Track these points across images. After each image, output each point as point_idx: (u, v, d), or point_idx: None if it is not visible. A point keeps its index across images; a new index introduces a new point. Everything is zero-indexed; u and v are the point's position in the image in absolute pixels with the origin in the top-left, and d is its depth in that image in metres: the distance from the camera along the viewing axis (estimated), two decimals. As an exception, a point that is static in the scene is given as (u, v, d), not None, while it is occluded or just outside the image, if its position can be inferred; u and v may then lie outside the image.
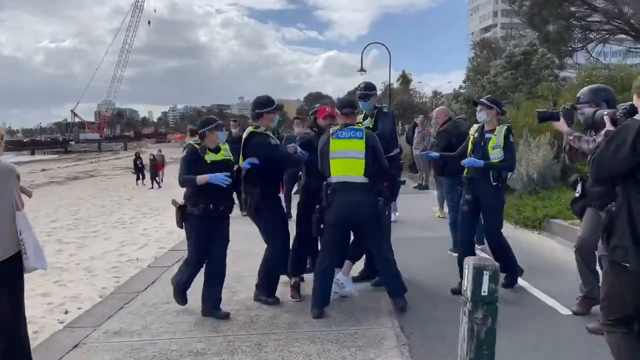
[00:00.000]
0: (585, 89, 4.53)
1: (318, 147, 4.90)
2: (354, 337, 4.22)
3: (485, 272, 2.41)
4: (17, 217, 3.30)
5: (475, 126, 5.46)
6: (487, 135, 5.26)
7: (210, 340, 4.23)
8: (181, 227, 4.85)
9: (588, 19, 23.10)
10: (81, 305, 6.59)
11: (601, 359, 3.61)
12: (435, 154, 5.97)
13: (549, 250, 7.26)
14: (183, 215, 4.74)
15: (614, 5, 20.93)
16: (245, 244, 6.79)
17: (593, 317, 4.49)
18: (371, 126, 5.32)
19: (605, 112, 3.36)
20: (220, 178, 4.52)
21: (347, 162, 4.72)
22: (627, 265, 2.67)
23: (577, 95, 4.56)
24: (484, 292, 2.42)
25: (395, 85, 36.50)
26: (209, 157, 4.66)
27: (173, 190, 21.92)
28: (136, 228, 12.47)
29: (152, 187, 22.99)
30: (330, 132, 4.82)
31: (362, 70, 25.73)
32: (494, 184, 5.17)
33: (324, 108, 5.40)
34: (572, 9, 22.17)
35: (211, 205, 4.64)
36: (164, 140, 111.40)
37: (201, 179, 4.54)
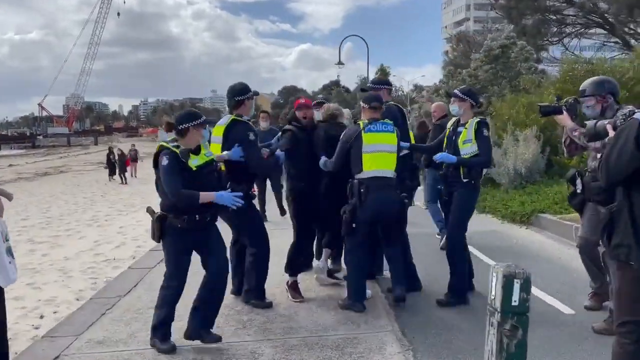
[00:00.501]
0: (588, 81, 4.37)
1: (343, 142, 4.63)
2: (354, 343, 4.02)
3: (516, 280, 2.23)
4: None
5: (453, 119, 5.12)
6: (459, 129, 4.89)
7: (202, 349, 3.98)
8: (158, 242, 4.04)
9: (564, 13, 23.30)
10: (57, 309, 6.27)
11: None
12: (405, 144, 5.50)
13: (538, 245, 7.20)
14: (162, 228, 3.91)
15: (589, 0, 21.16)
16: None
17: (595, 316, 4.41)
18: None
19: (607, 122, 3.25)
20: (230, 199, 3.87)
21: (381, 156, 4.60)
22: (632, 263, 2.61)
23: (581, 89, 4.38)
24: (515, 301, 2.24)
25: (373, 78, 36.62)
26: (193, 161, 3.88)
27: (148, 186, 21.50)
28: (111, 226, 12.08)
29: (122, 183, 22.58)
30: (361, 126, 4.61)
31: (340, 63, 25.51)
32: (465, 180, 4.77)
33: (298, 99, 5.36)
34: (548, 2, 22.34)
35: (197, 216, 3.88)
36: (136, 135, 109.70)
37: (205, 197, 3.81)
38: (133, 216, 13.45)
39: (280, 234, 5.23)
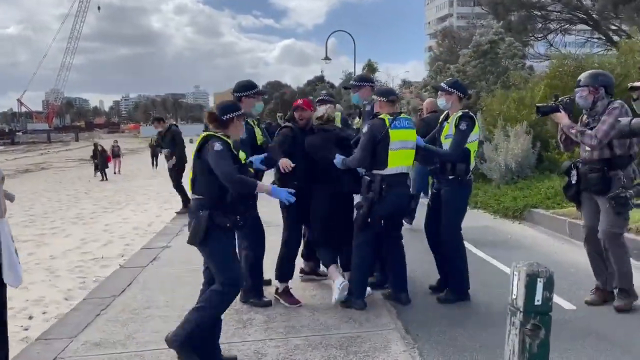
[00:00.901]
0: (585, 73, 4.64)
1: (370, 138, 4.45)
2: (358, 342, 3.97)
3: (539, 279, 2.19)
4: None
5: (445, 113, 5.01)
6: (443, 124, 4.79)
7: (203, 351, 3.88)
8: (202, 244, 3.57)
9: (548, 9, 23.47)
10: (45, 309, 6.14)
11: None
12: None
13: (532, 240, 7.21)
14: (207, 229, 3.48)
15: (574, -4, 21.35)
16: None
17: (597, 312, 4.41)
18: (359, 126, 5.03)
19: None
20: (285, 194, 3.65)
21: (405, 153, 4.55)
22: None
23: (578, 79, 4.65)
24: (538, 301, 2.19)
25: (361, 74, 36.55)
26: (241, 155, 3.68)
27: (132, 182, 21.23)
28: (97, 224, 11.87)
29: (103, 180, 22.31)
30: (387, 122, 4.49)
31: (326, 58, 25.38)
32: (450, 177, 4.68)
33: (296, 100, 5.15)
34: (534, -2, 22.52)
35: (239, 217, 3.58)
36: (117, 130, 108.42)
37: (261, 187, 3.63)
38: (119, 213, 13.24)
39: (275, 230, 5.13)
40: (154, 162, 25.66)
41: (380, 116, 4.54)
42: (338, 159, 4.62)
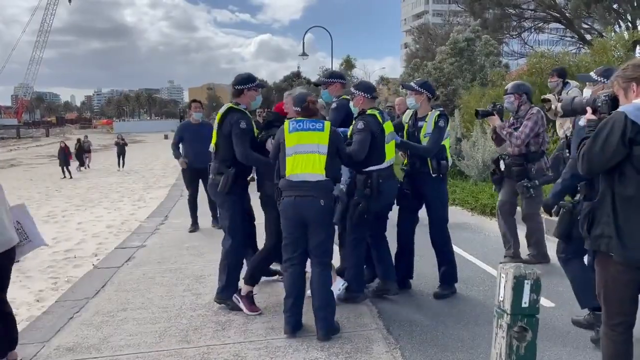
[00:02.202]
0: (511, 83, 5.82)
1: (367, 133, 4.35)
2: (339, 343, 3.91)
3: (526, 281, 2.16)
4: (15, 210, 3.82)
5: (409, 112, 5.08)
6: (419, 124, 4.84)
7: (181, 354, 3.79)
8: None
9: (523, 7, 23.76)
10: (16, 311, 5.83)
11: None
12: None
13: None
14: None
15: (547, -5, 21.64)
16: (206, 240, 6.34)
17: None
18: None
19: (585, 101, 3.31)
20: None
21: (392, 146, 4.60)
22: (612, 255, 2.65)
23: (505, 88, 5.76)
24: (525, 303, 2.17)
25: (338, 70, 36.40)
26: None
27: (104, 179, 20.83)
28: (69, 222, 11.59)
29: (64, 177, 21.91)
30: (379, 117, 4.48)
31: (304, 54, 25.24)
32: (434, 175, 4.79)
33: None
34: (509, -4, 22.74)
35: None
36: (89, 126, 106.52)
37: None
38: (92, 211, 12.95)
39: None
40: (120, 162, 24.84)
41: (369, 112, 4.50)
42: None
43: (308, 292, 4.19)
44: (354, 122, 4.54)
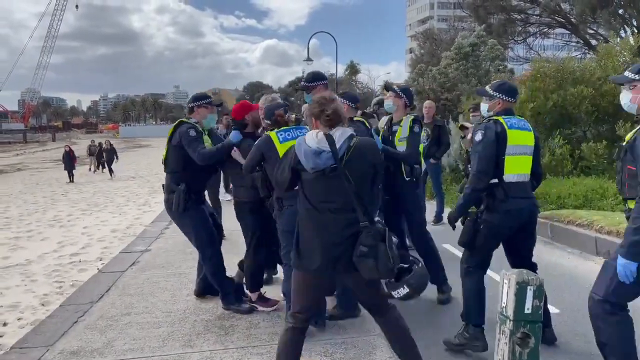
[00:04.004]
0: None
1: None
2: (343, 348, 3.91)
3: (529, 287, 2.16)
4: None
5: (384, 119, 5.12)
6: (394, 128, 4.90)
7: (185, 359, 3.79)
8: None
9: (528, 12, 23.75)
10: (21, 315, 5.98)
11: None
12: None
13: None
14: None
15: (552, 0, 21.60)
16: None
17: (580, 314, 4.42)
18: None
19: None
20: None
21: None
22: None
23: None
24: (528, 309, 2.16)
25: (343, 75, 36.44)
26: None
27: (109, 184, 20.88)
28: (75, 226, 11.64)
29: (70, 181, 22.03)
30: (367, 125, 4.62)
31: (308, 59, 25.31)
32: (407, 179, 4.81)
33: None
34: (514, 2, 22.72)
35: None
36: (95, 131, 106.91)
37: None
38: (97, 216, 13.01)
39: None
40: (106, 169, 24.39)
41: (356, 119, 4.57)
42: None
43: None
44: None
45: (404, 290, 2.80)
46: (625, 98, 3.14)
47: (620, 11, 22.11)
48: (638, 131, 2.84)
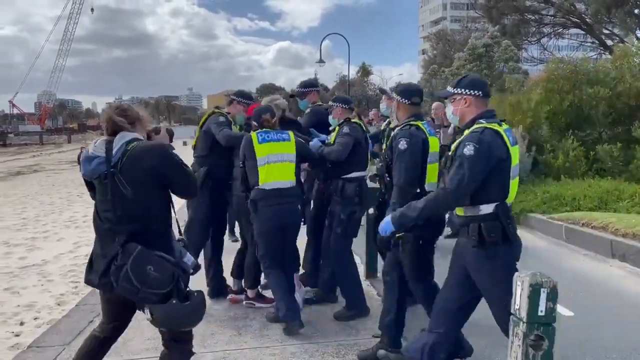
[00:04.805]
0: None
1: (355, 140, 4.44)
2: (355, 349, 3.92)
3: (542, 289, 2.15)
4: None
5: (387, 121, 5.10)
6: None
7: (198, 359, 3.82)
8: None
9: (542, 13, 23.57)
10: (37, 314, 6.04)
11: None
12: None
13: (529, 245, 7.12)
14: None
15: (567, 0, 21.44)
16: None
17: (594, 318, 4.39)
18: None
19: None
20: None
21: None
22: None
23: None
24: (541, 311, 2.16)
25: (354, 76, 36.52)
26: None
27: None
28: (90, 227, 11.53)
29: None
30: (364, 127, 4.64)
31: (321, 61, 25.36)
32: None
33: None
34: (527, 2, 22.58)
35: None
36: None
37: None
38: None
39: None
40: None
41: (355, 121, 4.60)
42: (315, 142, 4.66)
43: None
44: (337, 128, 4.56)
45: (146, 315, 2.71)
46: (449, 111, 3.22)
47: (636, 11, 21.87)
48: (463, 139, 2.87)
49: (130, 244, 2.64)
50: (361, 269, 5.70)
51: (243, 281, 4.93)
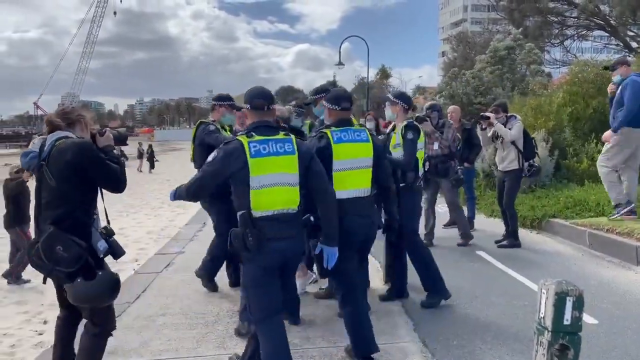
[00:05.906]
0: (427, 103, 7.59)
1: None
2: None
3: (568, 298, 2.12)
4: None
5: (392, 125, 5.14)
6: (390, 134, 4.94)
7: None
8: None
9: (565, 15, 23.25)
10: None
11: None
12: None
13: (551, 250, 7.05)
14: None
15: (591, 2, 21.11)
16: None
17: (619, 325, 4.30)
18: None
19: None
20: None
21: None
22: None
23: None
24: (567, 320, 2.12)
25: (374, 79, 36.58)
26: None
27: (144, 187, 21.25)
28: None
29: None
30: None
31: (340, 63, 25.35)
32: (402, 185, 4.79)
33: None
34: (550, 4, 22.28)
35: None
36: (132, 134, 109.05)
37: None
38: (133, 217, 13.28)
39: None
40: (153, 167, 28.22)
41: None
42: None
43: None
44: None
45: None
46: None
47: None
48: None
49: (49, 226, 2.96)
50: (380, 274, 5.69)
51: None
